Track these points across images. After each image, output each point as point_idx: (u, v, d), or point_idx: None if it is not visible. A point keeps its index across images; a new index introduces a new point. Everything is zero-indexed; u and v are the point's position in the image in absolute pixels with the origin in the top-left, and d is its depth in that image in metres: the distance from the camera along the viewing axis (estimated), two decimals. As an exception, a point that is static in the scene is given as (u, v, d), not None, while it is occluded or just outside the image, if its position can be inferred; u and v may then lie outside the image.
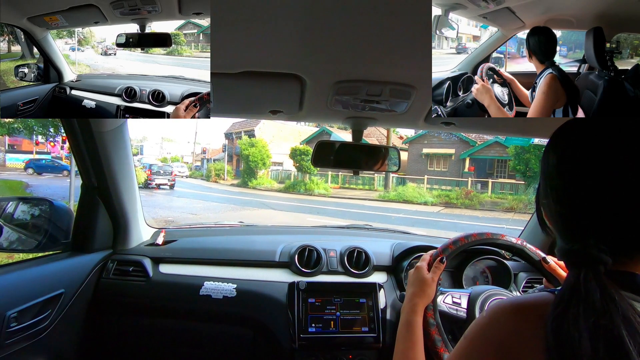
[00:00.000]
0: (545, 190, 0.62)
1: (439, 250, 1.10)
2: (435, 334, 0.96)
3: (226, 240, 1.70)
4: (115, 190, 1.41)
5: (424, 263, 1.07)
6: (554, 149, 0.61)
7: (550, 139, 0.63)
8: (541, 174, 0.64)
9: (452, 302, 1.15)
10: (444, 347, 0.95)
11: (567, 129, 0.61)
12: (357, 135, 1.31)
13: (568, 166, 0.58)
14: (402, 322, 0.97)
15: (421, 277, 1.03)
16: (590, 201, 0.56)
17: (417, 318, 0.96)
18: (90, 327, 1.41)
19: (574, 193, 0.57)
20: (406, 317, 0.97)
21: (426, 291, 1.01)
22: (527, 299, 0.60)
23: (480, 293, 1.13)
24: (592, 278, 0.52)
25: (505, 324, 0.55)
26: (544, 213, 0.66)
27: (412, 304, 0.99)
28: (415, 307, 0.98)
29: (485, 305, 1.09)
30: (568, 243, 0.58)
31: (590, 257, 0.53)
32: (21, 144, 21.95)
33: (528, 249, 1.13)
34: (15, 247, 1.31)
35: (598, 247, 0.53)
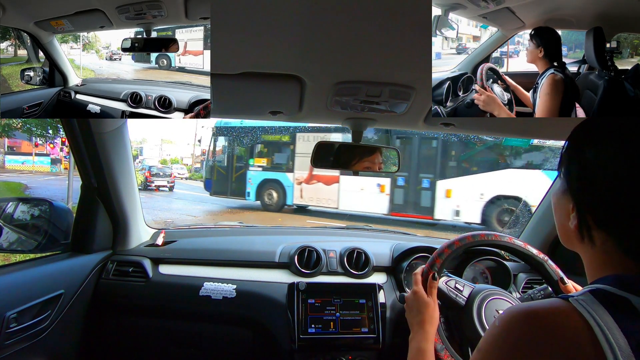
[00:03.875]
0: (592, 190, 0.58)
1: (427, 267, 1.07)
2: (447, 357, 0.96)
3: (226, 240, 1.70)
4: (115, 191, 1.41)
5: (420, 286, 1.03)
6: (594, 144, 0.58)
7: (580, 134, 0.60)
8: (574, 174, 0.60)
9: (454, 287, 1.13)
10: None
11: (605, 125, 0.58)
12: (357, 136, 1.31)
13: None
14: (413, 350, 0.93)
15: (424, 302, 0.99)
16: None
17: (430, 345, 0.93)
18: (89, 328, 1.40)
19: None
20: (418, 345, 0.93)
21: (433, 316, 0.98)
22: (539, 305, 0.57)
23: (481, 291, 1.13)
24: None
25: (519, 330, 0.54)
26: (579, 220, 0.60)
27: (424, 332, 0.95)
28: (427, 334, 0.95)
29: (483, 304, 1.09)
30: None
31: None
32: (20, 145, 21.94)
33: (545, 262, 1.11)
34: (15, 248, 1.31)
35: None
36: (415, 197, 8.49)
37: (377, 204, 8.69)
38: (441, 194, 8.20)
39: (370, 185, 8.68)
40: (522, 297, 1.19)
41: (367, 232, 2.10)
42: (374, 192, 8.70)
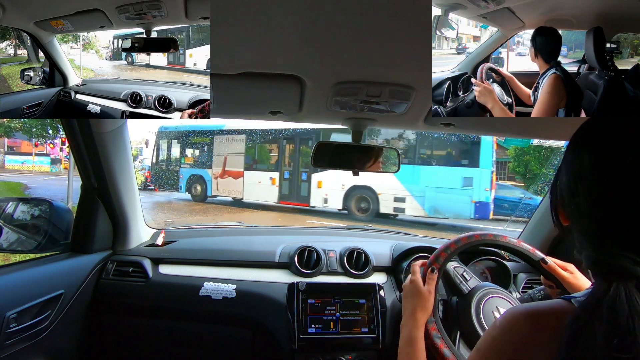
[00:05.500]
0: (574, 189, 0.57)
1: (431, 259, 1.09)
2: (443, 347, 0.96)
3: (226, 240, 1.70)
4: (115, 191, 1.41)
5: (417, 276, 1.05)
6: (588, 146, 0.56)
7: (582, 133, 0.58)
8: (567, 170, 0.59)
9: (461, 274, 1.14)
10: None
11: (607, 125, 0.56)
12: (357, 136, 1.31)
13: (610, 168, 0.53)
14: (404, 338, 0.95)
15: (418, 291, 1.01)
16: (632, 207, 0.50)
17: (419, 333, 0.95)
18: (89, 328, 1.40)
19: (613, 197, 0.52)
20: (408, 333, 0.95)
21: (426, 305, 0.99)
22: (541, 306, 0.57)
23: (485, 287, 1.13)
24: (621, 293, 0.48)
25: (520, 331, 0.53)
26: (564, 212, 0.60)
27: (414, 319, 0.97)
28: (418, 322, 0.96)
29: (484, 299, 1.09)
30: (597, 250, 0.53)
31: (623, 270, 0.49)
32: (20, 145, 21.89)
33: (525, 249, 1.13)
34: (15, 248, 1.31)
35: (633, 259, 0.49)
36: (297, 188, 10.11)
37: (270, 194, 10.29)
38: (314, 185, 9.77)
39: (265, 179, 10.34)
40: (522, 297, 1.19)
41: (367, 232, 2.10)
42: (267, 184, 10.29)
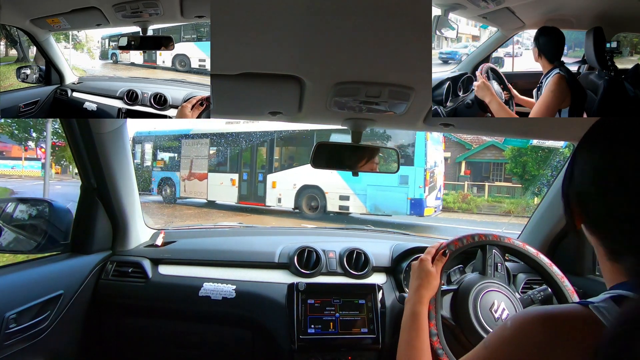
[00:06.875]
0: (598, 189, 0.55)
1: (445, 244, 1.12)
2: (437, 345, 0.96)
3: (225, 241, 1.70)
4: (114, 192, 1.41)
5: (429, 256, 1.08)
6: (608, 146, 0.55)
7: (598, 131, 0.57)
8: (583, 171, 0.57)
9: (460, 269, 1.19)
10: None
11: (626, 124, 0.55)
12: (357, 137, 1.31)
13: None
14: (407, 313, 0.97)
15: (426, 269, 1.04)
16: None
17: (423, 308, 0.97)
18: (89, 328, 1.40)
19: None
20: (412, 308, 0.97)
21: (432, 283, 1.02)
22: (556, 310, 0.55)
23: (480, 280, 1.13)
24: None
25: (534, 336, 0.51)
26: (581, 214, 0.58)
27: (419, 295, 0.99)
28: (422, 298, 0.99)
29: (479, 296, 1.09)
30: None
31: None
32: (10, 150, 21.67)
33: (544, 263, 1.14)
34: (15, 248, 1.30)
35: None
36: (254, 188, 10.38)
37: (230, 194, 10.54)
38: (269, 185, 10.05)
39: (226, 180, 10.61)
40: (521, 297, 1.19)
41: (366, 232, 2.10)
42: (228, 185, 10.56)
